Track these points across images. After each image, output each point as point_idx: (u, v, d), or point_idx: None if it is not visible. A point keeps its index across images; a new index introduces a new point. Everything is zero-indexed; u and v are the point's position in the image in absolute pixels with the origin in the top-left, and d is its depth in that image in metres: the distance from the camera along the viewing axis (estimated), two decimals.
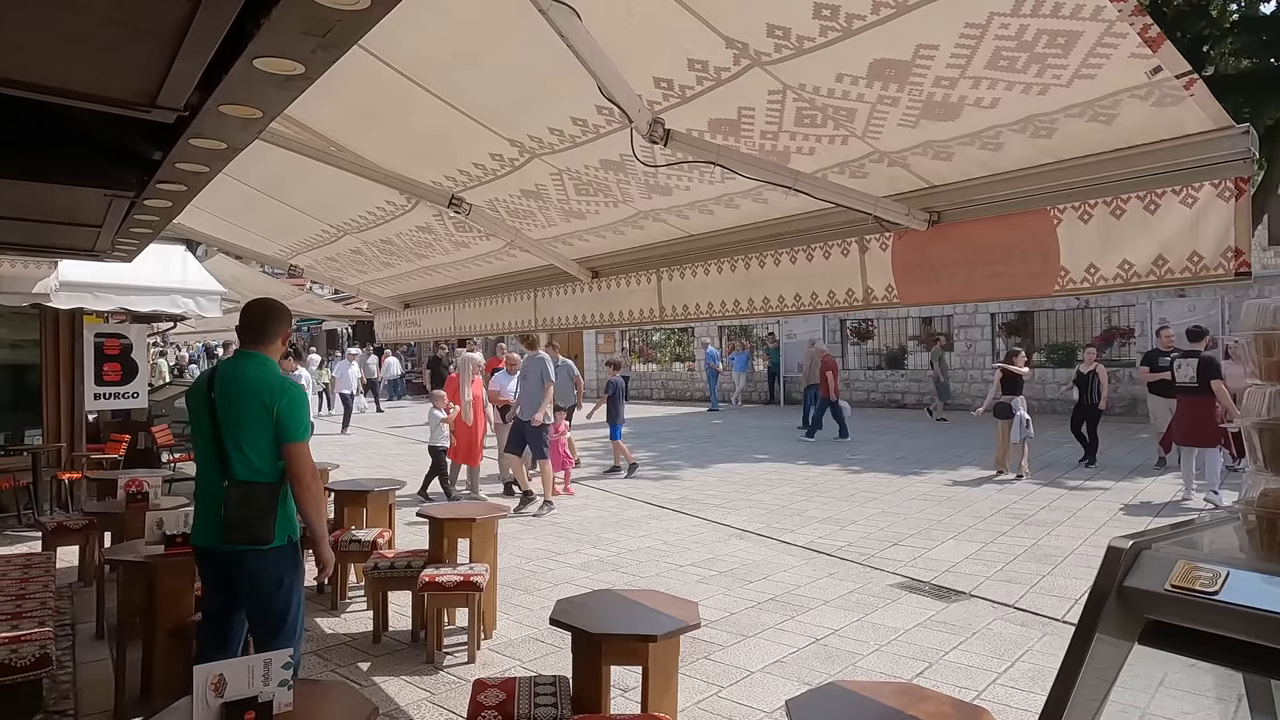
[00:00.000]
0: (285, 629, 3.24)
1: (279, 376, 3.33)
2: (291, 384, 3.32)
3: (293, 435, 3.22)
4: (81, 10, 1.84)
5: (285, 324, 3.48)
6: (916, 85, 2.15)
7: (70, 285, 7.48)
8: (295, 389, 3.31)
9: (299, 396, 3.29)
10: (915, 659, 4.76)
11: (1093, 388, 11.41)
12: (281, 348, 3.46)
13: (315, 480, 3.26)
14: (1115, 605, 0.85)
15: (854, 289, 3.09)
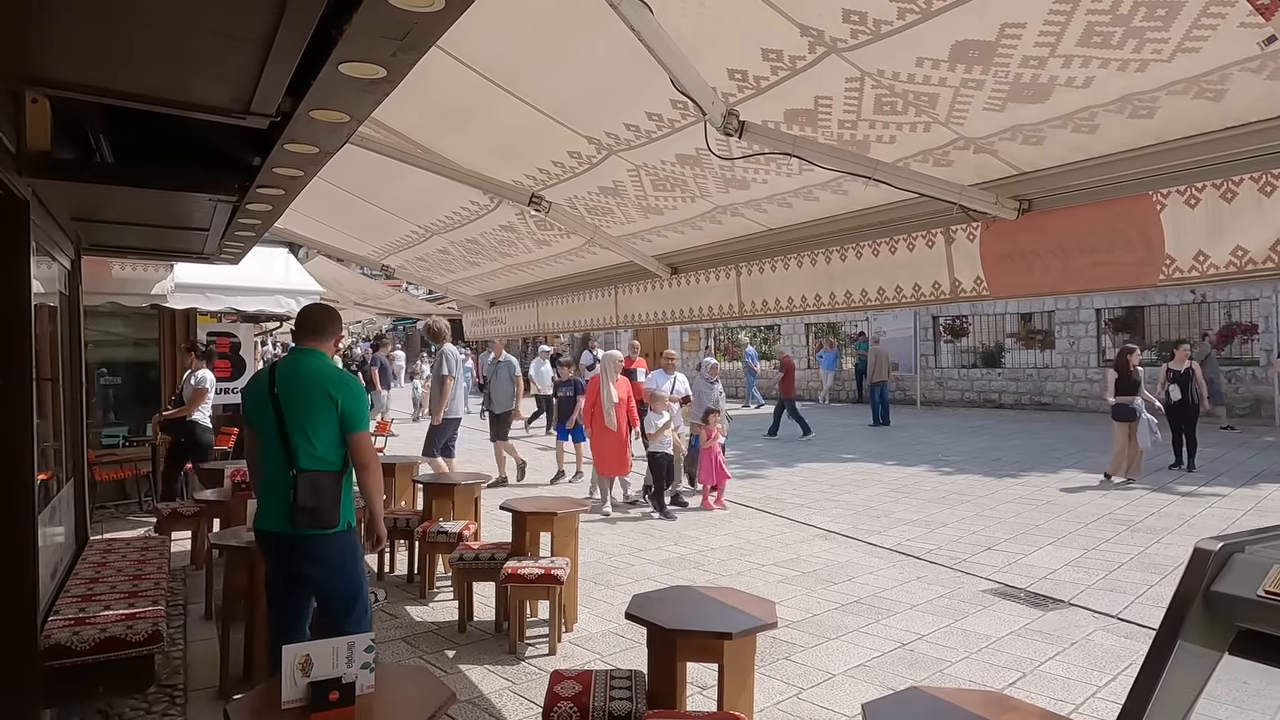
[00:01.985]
0: (354, 608, 3.46)
1: (338, 371, 3.59)
2: (351, 377, 3.59)
3: (356, 425, 3.45)
4: (183, 23, 1.95)
5: (338, 326, 3.73)
6: (1002, 66, 2.06)
7: (184, 287, 7.96)
8: (355, 382, 3.56)
9: (359, 389, 3.55)
10: (1007, 668, 4.56)
11: (1192, 387, 10.68)
12: (333, 347, 3.70)
13: (377, 464, 3.53)
14: (1201, 612, 0.79)
15: (940, 281, 2.98)
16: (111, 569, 4.47)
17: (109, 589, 4.08)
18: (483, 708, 4.06)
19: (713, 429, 9.08)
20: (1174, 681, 0.77)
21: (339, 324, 3.76)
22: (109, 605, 3.78)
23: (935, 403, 20.98)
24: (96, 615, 3.60)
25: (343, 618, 3.42)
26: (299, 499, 3.33)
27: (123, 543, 5.21)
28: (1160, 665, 0.79)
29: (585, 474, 10.70)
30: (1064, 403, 18.49)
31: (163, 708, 3.97)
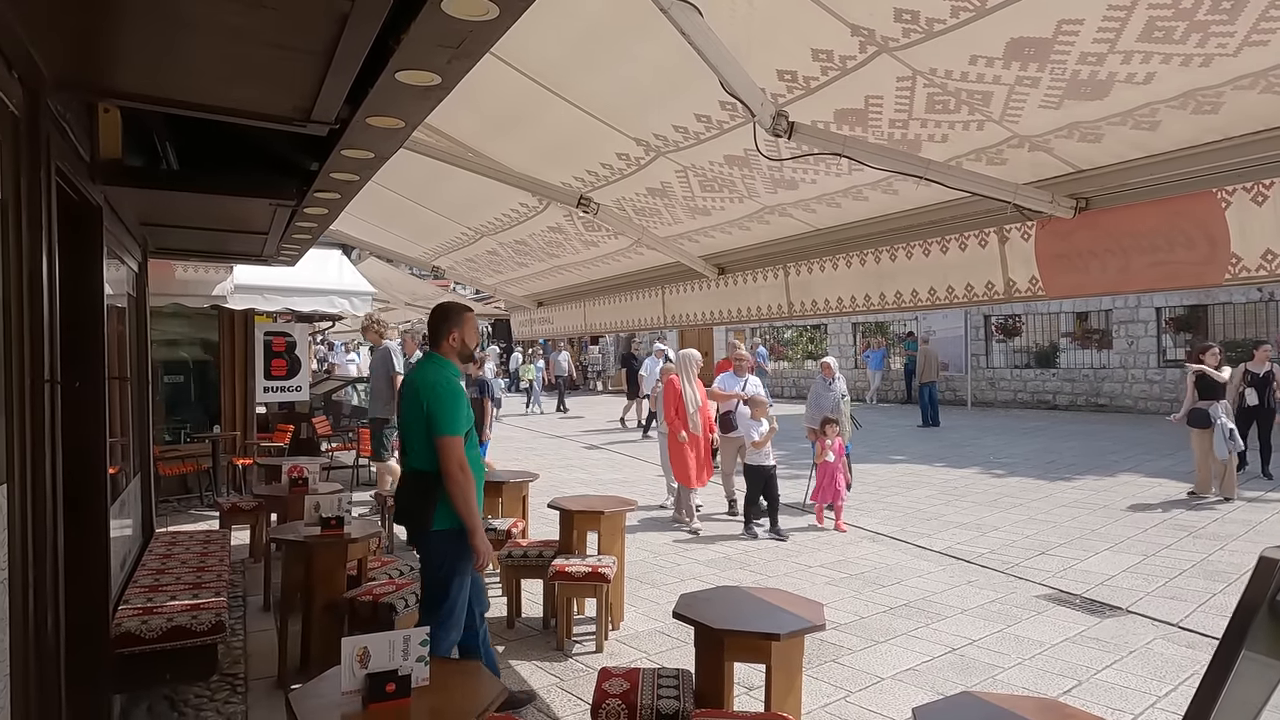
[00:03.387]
0: (439, 610, 3.43)
1: (434, 373, 3.50)
2: (441, 380, 3.46)
3: (438, 429, 3.38)
4: (246, 36, 2.02)
5: (452, 323, 3.62)
6: (1059, 63, 2.02)
7: (243, 288, 8.21)
8: (443, 385, 3.44)
9: (445, 392, 3.42)
10: (1062, 675, 4.47)
11: (1270, 390, 10.14)
12: (451, 345, 3.62)
13: (461, 473, 3.37)
14: (1268, 621, 0.77)
15: (994, 281, 2.94)
16: (176, 561, 4.64)
17: (174, 580, 4.23)
18: (532, 703, 4.11)
19: (828, 440, 8.07)
20: (1237, 692, 0.75)
21: (452, 321, 3.63)
22: (175, 596, 3.92)
23: (987, 403, 20.56)
24: (163, 605, 3.74)
25: (429, 618, 3.40)
26: (397, 497, 3.49)
27: (186, 535, 5.40)
28: (1223, 675, 0.77)
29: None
30: (1122, 404, 17.97)
31: (224, 695, 4.11)
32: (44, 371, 2.31)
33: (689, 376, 8.09)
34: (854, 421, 9.19)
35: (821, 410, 8.62)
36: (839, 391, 8.89)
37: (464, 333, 3.62)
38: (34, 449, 2.25)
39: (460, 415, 3.42)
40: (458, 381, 3.52)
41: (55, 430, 2.41)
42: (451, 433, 3.38)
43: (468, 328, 3.64)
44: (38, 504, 2.27)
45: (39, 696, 2.29)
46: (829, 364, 9.08)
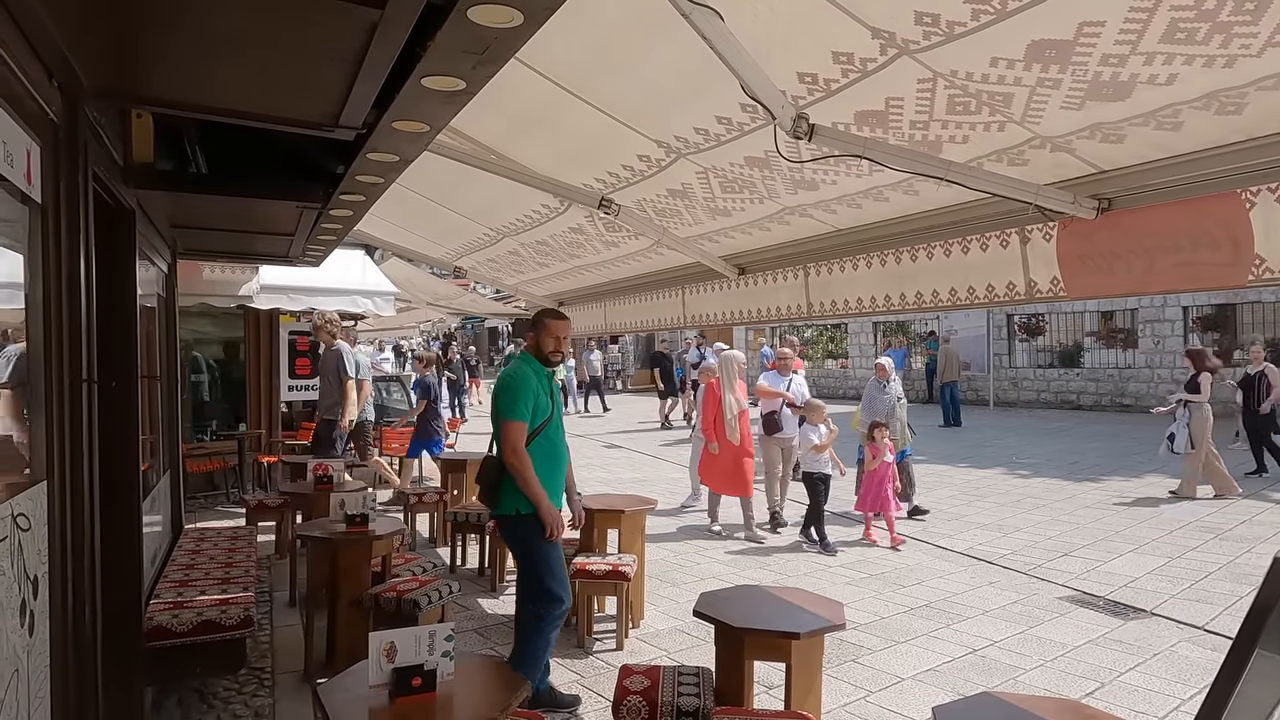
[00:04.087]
0: (531, 590, 3.80)
1: (509, 368, 3.98)
2: (509, 373, 3.91)
3: (498, 414, 3.81)
4: (278, 44, 2.07)
5: (533, 328, 4.05)
6: (1081, 65, 2.03)
7: (269, 288, 8.32)
8: (509, 377, 3.87)
9: (507, 383, 3.84)
10: (1085, 678, 4.44)
11: (1259, 390, 10.11)
12: (535, 344, 4.01)
13: (515, 455, 3.71)
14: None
15: (1015, 282, 2.94)
16: (205, 556, 4.73)
17: (203, 575, 4.31)
18: None
19: (878, 446, 7.47)
20: (1251, 692, 0.76)
21: (533, 326, 4.05)
22: (204, 591, 4.00)
23: (1009, 403, 20.38)
24: (193, 600, 3.82)
25: (523, 594, 3.84)
26: (477, 481, 3.95)
27: (214, 532, 5.49)
28: (1236, 674, 0.79)
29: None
30: (1148, 404, 17.71)
31: (252, 688, 4.18)
32: (81, 371, 2.37)
33: (730, 381, 7.61)
34: (909, 428, 8.60)
35: (874, 414, 8.09)
36: (894, 394, 8.38)
37: (539, 336, 3.98)
38: (72, 447, 2.31)
39: (519, 404, 3.75)
40: (525, 375, 3.86)
41: (92, 428, 2.48)
42: (508, 418, 3.75)
43: (543, 332, 3.97)
44: (76, 500, 2.33)
45: (77, 688, 2.36)
46: (883, 365, 8.57)
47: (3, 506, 1.87)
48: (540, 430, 3.84)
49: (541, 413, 3.85)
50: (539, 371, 3.95)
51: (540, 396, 3.85)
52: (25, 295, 2.18)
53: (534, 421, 3.81)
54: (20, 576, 1.95)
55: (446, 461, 7.95)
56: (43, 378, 2.17)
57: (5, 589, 1.83)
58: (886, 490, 7.41)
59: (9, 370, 2.14)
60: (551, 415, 3.92)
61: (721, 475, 7.68)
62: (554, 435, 3.93)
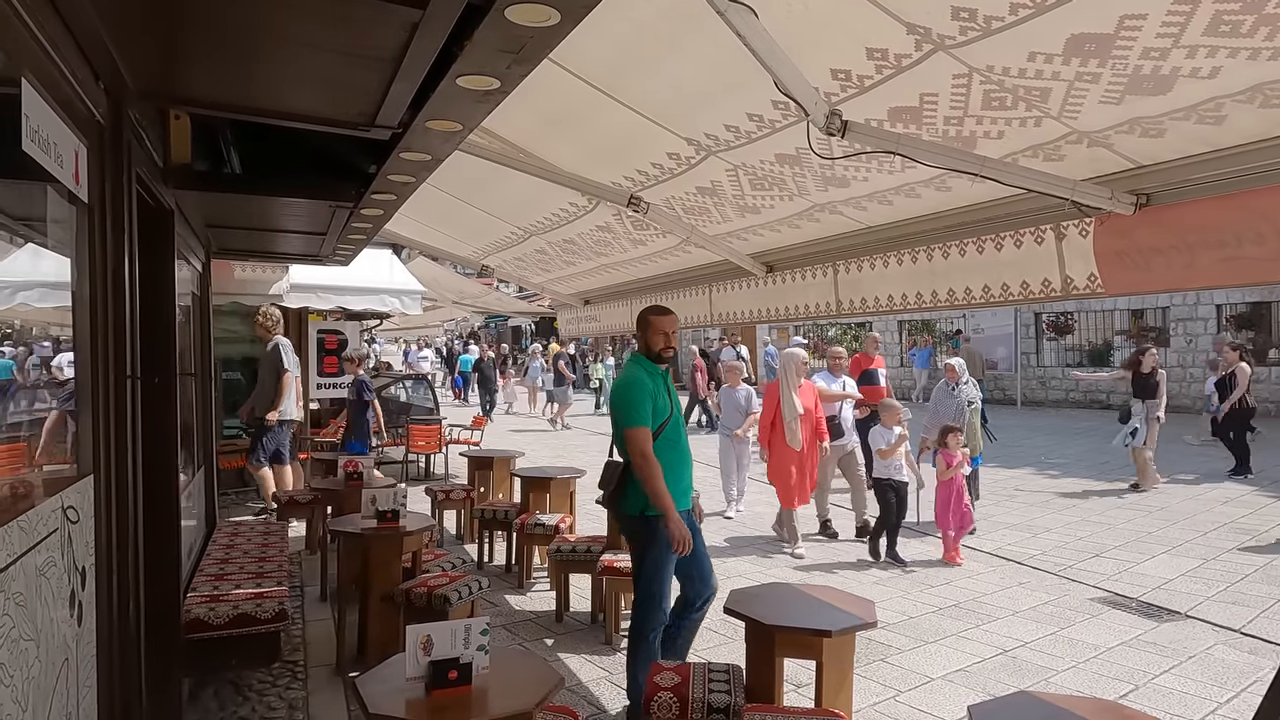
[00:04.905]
0: (640, 590, 3.75)
1: (624, 372, 3.90)
2: (625, 378, 3.83)
3: (622, 421, 3.73)
4: (319, 45, 2.10)
5: (642, 328, 3.92)
6: (1121, 59, 2.01)
7: (299, 287, 8.42)
8: (625, 381, 3.80)
9: (624, 388, 3.78)
10: (1118, 679, 4.39)
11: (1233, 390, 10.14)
12: (644, 343, 3.90)
13: (642, 460, 3.63)
14: None
15: (1050, 279, 2.91)
16: (239, 551, 4.80)
17: (238, 569, 4.38)
18: (581, 695, 4.17)
19: (953, 454, 6.69)
20: None
21: (642, 326, 3.92)
22: (239, 584, 4.07)
23: (1037, 403, 20.13)
24: (229, 593, 3.89)
25: (636, 599, 3.80)
26: (600, 485, 3.97)
27: (247, 526, 5.58)
28: None
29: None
30: (1180, 404, 17.42)
31: (286, 681, 4.24)
32: (126, 367, 2.43)
33: (790, 381, 6.94)
34: (987, 433, 7.83)
35: (941, 419, 7.47)
36: (964, 397, 7.68)
37: (646, 335, 3.88)
38: (117, 441, 2.36)
39: (639, 408, 3.68)
40: (639, 378, 3.76)
41: (136, 424, 2.53)
42: (631, 424, 3.68)
43: (649, 330, 3.86)
44: (121, 493, 2.38)
45: (122, 677, 2.41)
46: (953, 366, 7.88)
47: (53, 499, 1.92)
48: (660, 431, 3.74)
49: (660, 413, 3.75)
50: (652, 371, 3.84)
51: (658, 397, 3.75)
52: (72, 293, 2.23)
53: (654, 422, 3.72)
54: (70, 567, 2.00)
55: (474, 459, 8.01)
56: (89, 373, 2.22)
57: (56, 579, 1.88)
58: (965, 502, 6.69)
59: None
60: (671, 415, 3.81)
61: (789, 485, 6.98)
62: (675, 434, 3.83)
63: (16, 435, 2.18)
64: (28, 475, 2.14)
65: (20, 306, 2.32)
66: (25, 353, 2.35)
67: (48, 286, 2.25)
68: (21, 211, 2.07)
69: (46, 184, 2.00)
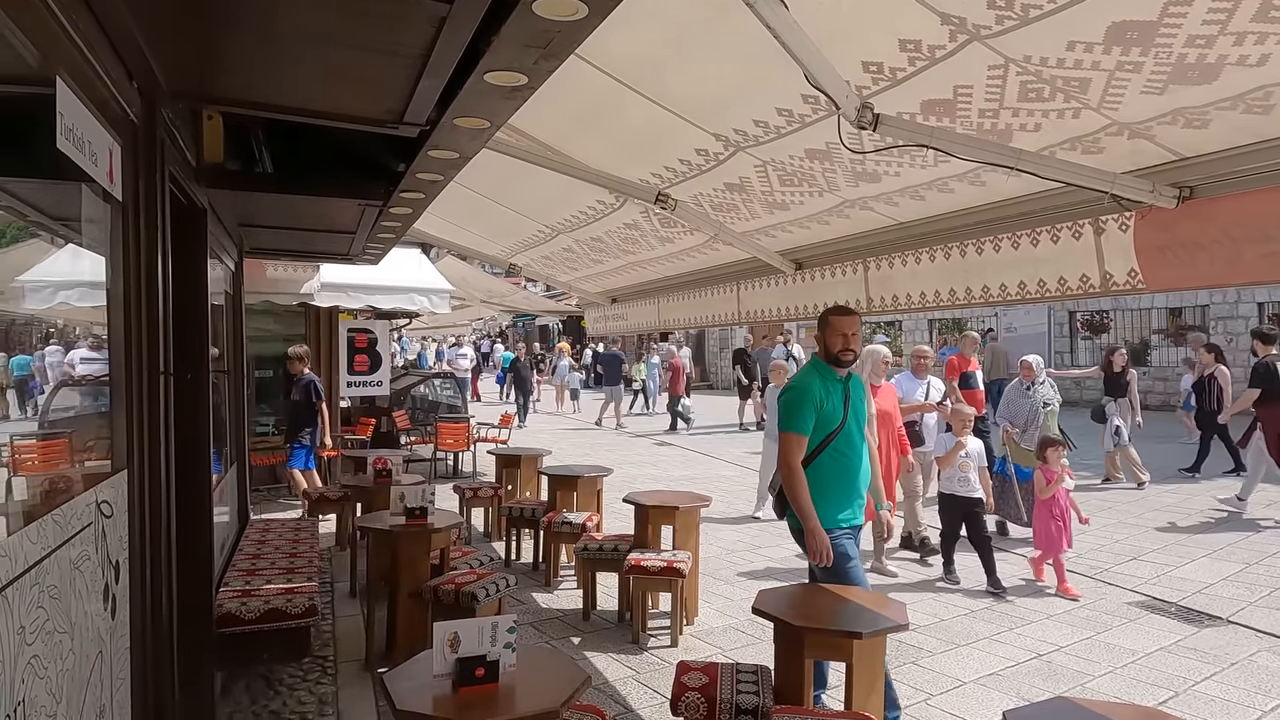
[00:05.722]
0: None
1: (796, 376, 3.77)
2: (792, 382, 3.69)
3: (779, 424, 3.61)
4: (347, 42, 2.11)
5: (821, 329, 3.69)
6: (1164, 47, 1.95)
7: (329, 286, 8.51)
8: (790, 386, 3.66)
9: (785, 391, 3.65)
10: (1158, 686, 4.28)
11: (1210, 392, 10.00)
12: (822, 346, 3.67)
13: (786, 470, 3.50)
14: None
15: (1089, 274, 2.84)
16: (270, 547, 4.86)
17: (269, 565, 4.43)
18: (608, 694, 4.16)
19: (1053, 470, 6.00)
20: None
21: (822, 326, 3.70)
22: (270, 580, 4.11)
23: (1071, 403, 19.73)
24: (260, 589, 3.93)
25: None
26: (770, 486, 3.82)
27: (278, 523, 5.65)
28: None
29: None
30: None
31: (316, 676, 4.28)
32: (159, 363, 2.45)
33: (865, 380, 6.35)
34: (1064, 438, 6.82)
35: (1015, 422, 6.94)
36: (1039, 398, 7.03)
37: (825, 336, 3.66)
38: (150, 437, 2.39)
39: (797, 414, 3.52)
40: (806, 383, 3.59)
41: (169, 420, 2.56)
42: (784, 429, 3.55)
43: (828, 331, 3.64)
44: (154, 489, 2.41)
45: (155, 670, 2.44)
46: (1029, 364, 7.22)
47: (87, 494, 1.94)
48: (828, 441, 3.53)
49: (828, 422, 3.53)
50: (828, 376, 3.60)
51: (825, 405, 3.53)
52: (107, 290, 2.26)
53: (819, 432, 3.52)
54: (104, 561, 2.02)
55: (501, 457, 8.03)
56: (124, 370, 2.25)
57: (90, 573, 1.90)
58: (1067, 522, 5.99)
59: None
60: (842, 425, 3.55)
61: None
62: (845, 446, 3.57)
63: (45, 432, 2.22)
64: (65, 470, 2.17)
65: (60, 305, 2.37)
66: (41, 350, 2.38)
67: (86, 285, 2.28)
68: (58, 210, 2.10)
69: (82, 183, 2.02)
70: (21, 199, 1.94)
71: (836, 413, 3.56)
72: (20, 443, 2.07)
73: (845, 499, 3.58)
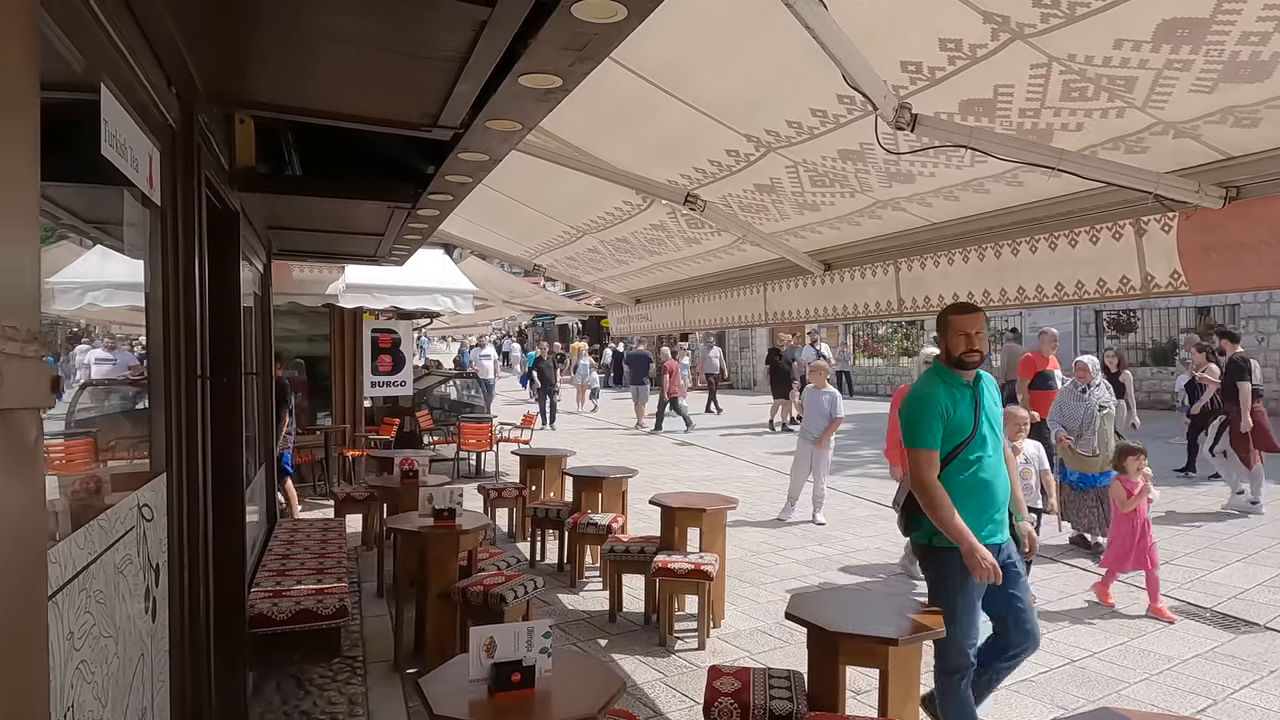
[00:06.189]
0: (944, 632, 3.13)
1: (916, 384, 3.46)
2: (914, 392, 3.34)
3: (904, 440, 3.32)
4: (384, 45, 2.10)
5: (940, 330, 3.35)
6: (1216, 44, 1.90)
7: (354, 287, 8.56)
8: (913, 396, 3.30)
9: (910, 404, 3.29)
10: (1194, 693, 4.20)
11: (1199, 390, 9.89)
12: (947, 350, 3.30)
13: (920, 487, 3.18)
14: None
15: (1129, 276, 2.79)
16: (299, 547, 4.89)
17: (299, 565, 4.46)
18: (637, 698, 4.15)
19: (1134, 481, 5.54)
20: None
21: (941, 326, 3.34)
22: (300, 580, 4.14)
23: None
24: (291, 589, 3.95)
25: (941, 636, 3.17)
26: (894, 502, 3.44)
27: (306, 523, 5.68)
28: None
29: None
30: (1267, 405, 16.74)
31: (345, 676, 4.30)
32: (196, 367, 2.47)
33: None
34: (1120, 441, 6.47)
35: (1069, 427, 6.66)
36: (1095, 400, 6.66)
37: (946, 338, 3.31)
38: (188, 440, 2.40)
39: (921, 427, 3.20)
40: (929, 392, 3.26)
41: (205, 422, 2.58)
42: (911, 444, 3.24)
43: (948, 332, 3.29)
44: (191, 491, 2.43)
45: (192, 672, 2.46)
46: (1085, 365, 6.83)
47: (129, 497, 1.96)
48: (958, 452, 3.21)
49: (958, 432, 3.21)
50: (952, 382, 3.28)
51: (953, 413, 3.21)
52: (146, 294, 2.27)
53: (948, 443, 3.20)
54: (145, 564, 2.03)
55: (525, 457, 8.05)
56: (162, 373, 2.26)
57: (133, 576, 1.91)
58: (1149, 538, 5.49)
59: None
60: (974, 433, 3.23)
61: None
62: (979, 456, 3.23)
63: (74, 433, 2.24)
64: (105, 474, 2.19)
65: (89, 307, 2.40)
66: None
67: (128, 288, 2.30)
68: (99, 215, 2.12)
69: (123, 188, 2.04)
70: (65, 206, 1.96)
71: (966, 420, 3.24)
72: (56, 441, 2.09)
73: (982, 514, 3.23)
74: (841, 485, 10.32)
